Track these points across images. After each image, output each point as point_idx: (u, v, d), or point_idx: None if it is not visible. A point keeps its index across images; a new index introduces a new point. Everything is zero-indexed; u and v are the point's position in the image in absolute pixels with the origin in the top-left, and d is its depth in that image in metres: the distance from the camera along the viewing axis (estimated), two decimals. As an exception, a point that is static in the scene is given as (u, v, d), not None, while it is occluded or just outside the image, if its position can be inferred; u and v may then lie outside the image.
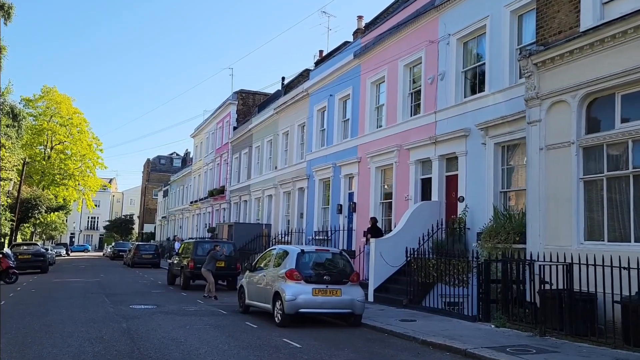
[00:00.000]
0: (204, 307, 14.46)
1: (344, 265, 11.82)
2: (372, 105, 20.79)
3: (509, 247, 12.35)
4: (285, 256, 11.74)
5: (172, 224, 62.73)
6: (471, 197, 14.90)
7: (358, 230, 20.77)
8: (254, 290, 12.79)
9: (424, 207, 16.27)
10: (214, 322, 11.54)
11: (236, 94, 41.41)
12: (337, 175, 22.91)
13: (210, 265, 17.53)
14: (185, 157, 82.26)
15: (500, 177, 14.13)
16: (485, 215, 14.03)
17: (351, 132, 22.12)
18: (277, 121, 31.02)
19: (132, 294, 17.97)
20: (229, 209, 39.44)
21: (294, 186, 27.48)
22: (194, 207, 50.41)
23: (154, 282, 23.72)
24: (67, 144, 54.07)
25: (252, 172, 34.91)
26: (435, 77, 16.81)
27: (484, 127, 14.32)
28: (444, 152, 16.19)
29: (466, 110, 15.34)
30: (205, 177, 47.46)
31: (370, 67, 20.72)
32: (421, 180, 17.55)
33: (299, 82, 31.73)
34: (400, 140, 18.40)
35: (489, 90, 14.50)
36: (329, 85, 24.31)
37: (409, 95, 18.59)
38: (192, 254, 19.92)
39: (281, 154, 30.15)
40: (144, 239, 74.78)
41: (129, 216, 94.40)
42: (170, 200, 66.33)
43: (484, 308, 11.48)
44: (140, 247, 39.91)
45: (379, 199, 19.94)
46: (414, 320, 11.65)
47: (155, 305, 14.62)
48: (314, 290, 10.95)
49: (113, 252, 55.96)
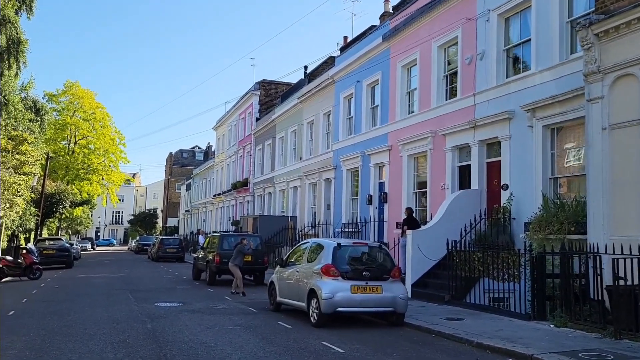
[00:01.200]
0: (232, 305, 13.68)
1: (384, 259, 10.88)
2: (403, 90, 19.72)
3: (562, 238, 11.30)
4: (320, 250, 10.85)
5: (196, 218, 62.45)
6: (516, 185, 13.81)
7: (390, 222, 19.81)
8: (285, 287, 11.93)
9: (463, 196, 15.23)
10: (244, 322, 10.72)
11: (258, 84, 40.58)
12: (366, 165, 21.93)
13: (238, 260, 16.76)
14: (207, 150, 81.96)
15: (550, 162, 13.01)
16: (533, 204, 12.96)
17: (380, 119, 21.09)
18: (301, 110, 30.11)
19: (156, 290, 17.32)
20: (252, 202, 38.74)
21: (320, 177, 26.58)
22: (217, 200, 49.90)
23: (178, 277, 23.10)
24: (90, 138, 53.93)
25: (276, 164, 34.11)
26: (473, 57, 15.70)
27: (531, 109, 13.20)
28: (485, 137, 15.10)
29: (509, 91, 14.22)
30: (228, 170, 46.85)
31: (400, 50, 19.64)
32: (458, 168, 16.49)
33: (323, 70, 30.77)
34: (434, 125, 17.34)
35: (536, 68, 13.35)
36: (355, 71, 23.28)
37: (444, 77, 17.50)
38: (217, 248, 19.18)
39: (306, 144, 29.25)
40: (167, 232, 74.83)
41: (153, 210, 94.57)
42: (193, 193, 66.05)
43: (539, 305, 10.45)
44: (164, 241, 39.48)
45: (412, 189, 18.92)
46: (461, 319, 10.68)
47: (181, 303, 13.89)
48: (353, 287, 10.04)
49: (137, 246, 55.84)
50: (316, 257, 10.82)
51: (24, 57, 27.47)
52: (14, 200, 24.38)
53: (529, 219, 12.67)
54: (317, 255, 10.86)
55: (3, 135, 25.43)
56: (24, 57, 27.38)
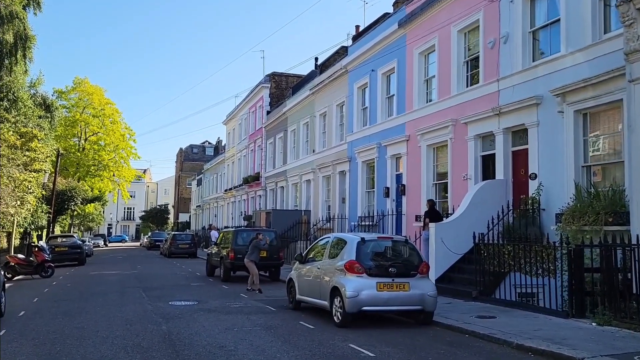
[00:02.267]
0: (250, 303, 13.13)
1: (410, 254, 10.26)
2: (421, 78, 19.01)
3: (599, 229, 10.62)
4: (343, 245, 10.24)
5: (207, 213, 62.12)
6: (545, 174, 13.11)
7: (408, 215, 19.16)
8: (305, 285, 11.35)
9: (488, 186, 14.54)
10: (263, 322, 10.16)
11: (268, 76, 39.95)
12: (382, 156, 21.27)
13: (254, 256, 16.23)
14: (218, 146, 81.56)
15: (582, 150, 12.29)
16: (564, 193, 12.27)
17: (397, 108, 20.40)
18: (313, 102, 29.47)
19: (170, 288, 16.83)
20: (264, 196, 38.21)
21: (334, 170, 25.96)
22: (228, 195, 49.46)
23: (192, 274, 22.63)
24: (100, 134, 53.69)
25: (288, 157, 33.52)
26: (496, 41, 14.97)
27: (561, 93, 12.47)
28: (510, 124, 14.39)
29: (536, 75, 13.50)
30: (239, 164, 46.35)
31: (417, 36, 18.92)
32: (481, 158, 15.80)
33: (335, 60, 30.07)
34: (455, 114, 16.64)
35: (566, 50, 12.61)
36: (370, 59, 22.58)
37: (464, 63, 16.78)
38: (231, 243, 18.64)
39: (319, 136, 28.62)
40: (179, 228, 74.61)
41: (164, 206, 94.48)
42: (204, 189, 65.72)
43: (577, 302, 9.79)
44: (176, 236, 39.10)
45: (431, 180, 18.25)
46: (493, 317, 10.05)
47: (196, 301, 13.37)
48: (379, 284, 9.43)
49: (149, 242, 55.61)
50: (338, 253, 10.21)
51: (31, 53, 27.04)
52: (24, 198, 24.02)
53: (561, 210, 12.01)
54: (339, 251, 10.25)
55: (13, 132, 25.06)
56: (30, 53, 26.94)
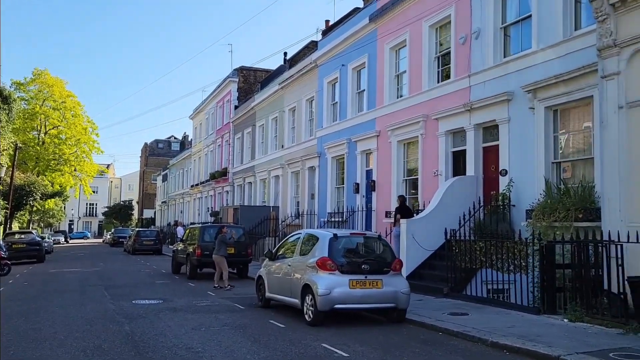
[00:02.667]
0: (217, 301, 12.75)
1: (384, 251, 10.05)
2: (392, 73, 18.88)
3: (569, 225, 10.67)
4: (315, 242, 9.97)
5: (173, 209, 61.03)
6: (516, 170, 13.12)
7: (378, 211, 19.04)
8: (276, 282, 11.04)
9: (459, 183, 14.49)
10: (232, 322, 9.81)
11: (236, 71, 39.35)
12: (352, 152, 21.09)
13: (222, 251, 15.82)
14: (184, 141, 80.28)
15: (552, 146, 12.32)
16: (535, 190, 12.29)
17: (367, 104, 20.24)
18: (282, 97, 29.09)
19: (134, 286, 16.28)
20: (232, 192, 37.66)
21: (303, 165, 25.67)
22: (194, 191, 48.65)
23: (157, 271, 22.03)
24: (61, 128, 51.99)
25: (257, 152, 33.07)
26: (468, 37, 14.92)
27: (532, 89, 12.47)
28: (481, 120, 14.36)
29: (508, 71, 13.49)
30: (206, 160, 45.59)
31: (388, 31, 18.77)
32: (452, 154, 15.76)
33: (305, 55, 29.80)
34: (426, 109, 16.56)
35: (537, 46, 12.61)
36: (340, 54, 22.36)
37: (435, 59, 16.69)
38: (198, 240, 18.16)
39: (288, 131, 28.27)
40: (143, 224, 73.19)
41: (128, 202, 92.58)
42: (169, 184, 64.55)
43: (549, 298, 9.76)
44: (140, 233, 38.16)
45: (401, 176, 18.15)
46: (466, 314, 9.95)
47: (161, 300, 12.90)
48: (351, 282, 9.20)
49: (113, 239, 54.32)
50: (310, 250, 9.94)
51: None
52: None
53: (531, 206, 12.04)
54: (311, 248, 9.98)
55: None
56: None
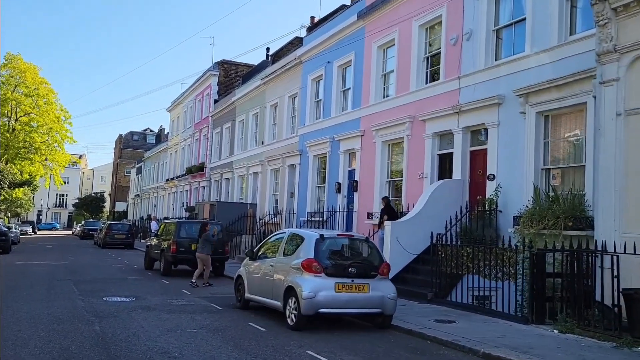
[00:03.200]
0: (193, 301, 12.22)
1: (371, 253, 9.68)
2: (379, 72, 18.55)
3: (558, 233, 10.46)
4: (300, 242, 9.54)
5: (146, 203, 59.89)
6: (504, 175, 12.89)
7: (360, 212, 18.69)
8: (256, 283, 10.57)
9: (445, 186, 14.22)
10: (210, 323, 9.33)
11: (217, 64, 38.63)
12: (335, 151, 20.71)
13: (207, 249, 15.36)
14: (160, 134, 78.99)
15: (542, 152, 12.11)
16: (523, 196, 12.08)
17: (352, 102, 19.87)
18: (264, 92, 28.56)
19: (105, 281, 15.62)
20: (208, 187, 36.96)
21: (283, 163, 25.21)
22: (170, 185, 47.72)
23: (129, 266, 21.32)
24: (33, 115, 50.49)
25: (236, 148, 32.46)
26: (459, 38, 14.66)
27: (524, 94, 12.25)
28: (470, 123, 14.12)
29: (499, 74, 13.25)
30: (183, 154, 44.72)
31: (377, 29, 18.43)
32: (438, 156, 15.49)
33: (289, 51, 29.31)
34: (413, 110, 16.27)
35: (531, 50, 12.40)
36: (326, 51, 21.95)
37: (424, 59, 16.41)
38: (174, 235, 17.54)
39: (269, 128, 27.75)
40: (115, 217, 71.72)
41: (100, 194, 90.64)
42: (144, 177, 63.32)
43: (538, 308, 9.51)
44: (112, 226, 37.18)
45: (385, 177, 17.83)
46: (452, 322, 9.64)
47: (133, 297, 12.32)
48: (337, 285, 8.80)
49: (83, 231, 52.88)
50: (295, 250, 9.51)
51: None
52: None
53: (519, 212, 11.80)
54: (295, 248, 9.55)
55: None
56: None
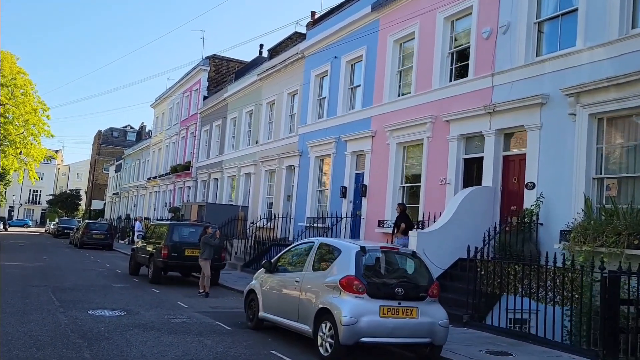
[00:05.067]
0: (194, 317, 10.55)
1: (418, 271, 8.15)
2: (394, 68, 17.13)
3: (620, 252, 9.10)
4: (335, 255, 7.98)
5: (125, 202, 57.60)
6: (546, 184, 11.53)
7: (369, 219, 17.21)
8: (274, 301, 8.98)
9: (476, 194, 12.81)
10: (224, 351, 7.70)
11: (208, 59, 36.89)
12: (341, 152, 19.20)
13: (207, 254, 13.87)
14: (141, 131, 76.49)
15: (595, 159, 10.78)
16: (570, 208, 10.75)
17: (363, 100, 18.40)
18: (260, 89, 26.95)
19: (87, 289, 13.85)
20: (194, 188, 35.14)
21: (280, 164, 23.62)
22: (151, 184, 45.66)
23: (111, 271, 19.48)
24: (8, 106, 47.94)
25: (226, 147, 30.75)
26: (493, 31, 13.32)
27: (575, 93, 10.92)
28: (505, 125, 12.74)
29: (543, 71, 11.91)
30: (167, 152, 42.74)
31: (393, 22, 17.01)
32: (464, 161, 14.11)
33: (287, 46, 27.82)
34: (435, 110, 14.87)
35: (584, 44, 11.07)
36: (332, 45, 20.48)
37: (449, 55, 15.04)
38: (166, 239, 15.80)
39: (264, 126, 26.13)
40: (91, 216, 69.06)
41: (76, 191, 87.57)
42: (123, 175, 60.97)
43: (611, 341, 8.11)
44: (90, 225, 35.07)
45: (399, 182, 16.39)
46: (508, 354, 8.19)
47: (124, 311, 10.63)
48: (383, 308, 7.28)
49: (57, 229, 50.54)
50: (329, 265, 7.95)
51: None
52: None
53: (568, 227, 10.44)
54: (329, 262, 7.99)
55: None
56: None
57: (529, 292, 9.63)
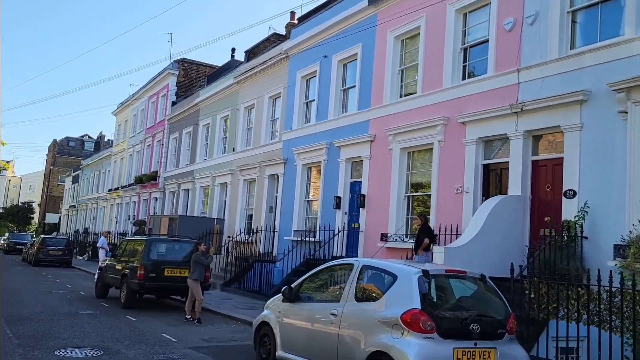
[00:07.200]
0: (190, 355, 8.60)
1: (492, 300, 6.49)
2: (395, 67, 15.64)
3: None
4: (387, 281, 6.25)
5: (83, 215, 54.31)
6: (590, 192, 10.14)
7: (369, 232, 15.56)
8: (300, 338, 7.16)
9: (505, 204, 11.33)
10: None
11: (177, 62, 34.74)
12: (333, 159, 17.54)
13: (197, 274, 12.01)
14: (99, 141, 73.00)
15: (651, 163, 9.48)
16: (624, 219, 9.43)
17: (359, 102, 16.82)
18: (237, 93, 25.09)
19: (50, 319, 11.68)
20: (162, 199, 32.81)
21: (261, 172, 21.77)
22: (113, 196, 42.89)
23: (74, 293, 17.18)
24: (-45, 112, 44.60)
25: (198, 155, 28.67)
26: (516, 22, 11.97)
27: (625, 88, 9.60)
28: (535, 126, 11.34)
29: (582, 64, 10.56)
30: (131, 161, 40.16)
31: (393, 16, 15.54)
32: (483, 167, 12.66)
33: (266, 48, 26.09)
34: (447, 111, 13.41)
35: (635, 32, 9.78)
36: (321, 43, 18.89)
37: (461, 50, 13.64)
38: (142, 257, 13.68)
39: (242, 132, 24.25)
40: (45, 230, 65.19)
41: (28, 204, 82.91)
42: (81, 187, 57.61)
43: None
44: (46, 240, 32.21)
45: (403, 191, 14.83)
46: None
47: (99, 350, 8.61)
48: (457, 352, 5.61)
49: (8, 245, 47.04)
50: (381, 294, 6.22)
51: None
52: None
53: (623, 240, 9.09)
54: (380, 290, 6.26)
55: None
56: None
57: (586, 318, 8.12)
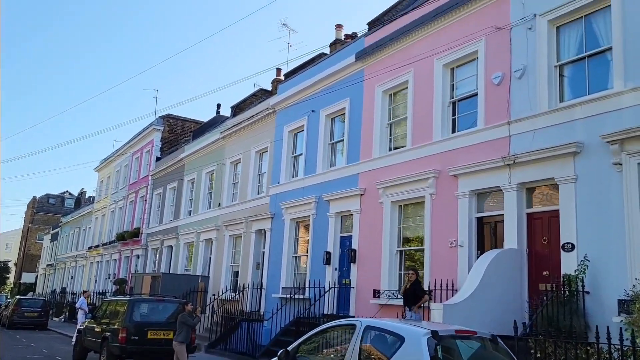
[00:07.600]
0: None
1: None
2: (384, 121, 15.66)
3: None
4: (393, 344, 5.83)
5: (61, 274, 52.73)
6: (589, 245, 9.94)
7: (360, 288, 15.13)
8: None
9: (502, 258, 11.07)
10: None
11: (162, 118, 34.69)
12: (322, 213, 17.25)
13: (183, 336, 11.42)
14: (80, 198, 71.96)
15: (649, 214, 9.35)
16: (626, 272, 9.25)
17: (348, 156, 16.72)
18: (223, 148, 24.94)
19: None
20: (144, 256, 31.96)
21: (248, 228, 21.35)
22: (93, 254, 41.77)
23: (50, 358, 16.25)
24: None
25: (182, 211, 28.16)
26: (505, 76, 12.08)
27: (618, 139, 9.60)
28: (528, 178, 11.25)
29: (573, 117, 10.59)
30: (113, 218, 39.37)
31: (381, 71, 15.68)
32: (476, 220, 12.46)
33: (252, 103, 26.21)
34: (438, 164, 13.33)
35: (624, 85, 9.86)
36: (309, 98, 18.96)
37: (450, 104, 13.71)
38: (124, 319, 13.03)
39: (228, 187, 23.94)
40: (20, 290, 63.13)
41: (4, 263, 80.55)
42: (59, 245, 56.20)
43: None
44: (22, 302, 30.98)
45: (395, 245, 14.52)
46: None
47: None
48: None
49: (-19, 307, 45.20)
50: (386, 359, 5.79)
51: None
52: None
53: (627, 295, 8.83)
54: (386, 354, 5.83)
55: None
56: None
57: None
